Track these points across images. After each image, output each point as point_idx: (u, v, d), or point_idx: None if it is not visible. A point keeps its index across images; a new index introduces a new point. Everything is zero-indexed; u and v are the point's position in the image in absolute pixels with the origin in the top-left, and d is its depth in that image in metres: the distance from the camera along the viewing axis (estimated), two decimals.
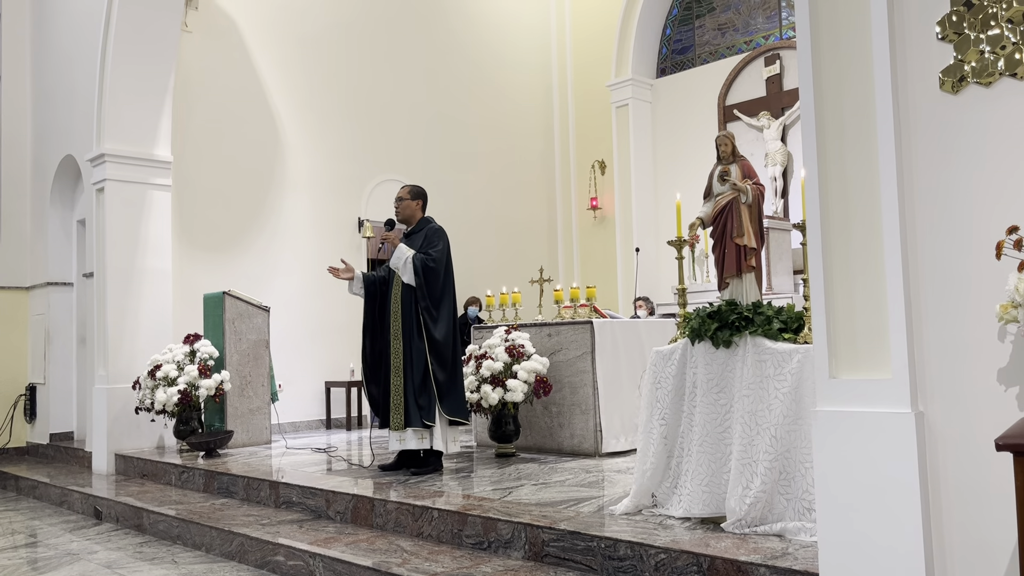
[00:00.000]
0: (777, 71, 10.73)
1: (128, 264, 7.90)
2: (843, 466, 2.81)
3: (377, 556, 4.17)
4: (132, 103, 7.99)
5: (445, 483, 5.29)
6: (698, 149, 11.21)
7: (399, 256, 5.69)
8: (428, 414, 5.57)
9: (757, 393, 3.73)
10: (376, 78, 10.47)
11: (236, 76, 9.24)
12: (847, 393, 2.83)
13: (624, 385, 6.49)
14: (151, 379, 7.38)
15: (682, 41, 11.96)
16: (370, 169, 10.33)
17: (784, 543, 3.42)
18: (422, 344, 5.63)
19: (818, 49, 2.95)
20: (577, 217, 12.47)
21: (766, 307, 3.94)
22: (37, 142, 9.69)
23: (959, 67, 2.71)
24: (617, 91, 11.94)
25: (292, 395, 9.13)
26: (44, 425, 9.23)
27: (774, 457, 3.61)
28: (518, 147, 12.17)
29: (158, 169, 8.13)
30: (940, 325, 2.72)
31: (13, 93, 9.72)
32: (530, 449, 6.66)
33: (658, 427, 4.13)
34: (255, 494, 5.86)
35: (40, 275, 9.45)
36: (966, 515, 2.66)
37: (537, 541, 3.94)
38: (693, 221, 4.41)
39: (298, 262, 9.55)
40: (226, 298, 7.85)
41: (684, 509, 3.94)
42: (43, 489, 7.51)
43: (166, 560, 5.01)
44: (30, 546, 5.65)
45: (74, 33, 8.77)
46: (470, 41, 11.65)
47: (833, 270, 2.89)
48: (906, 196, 2.77)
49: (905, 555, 2.66)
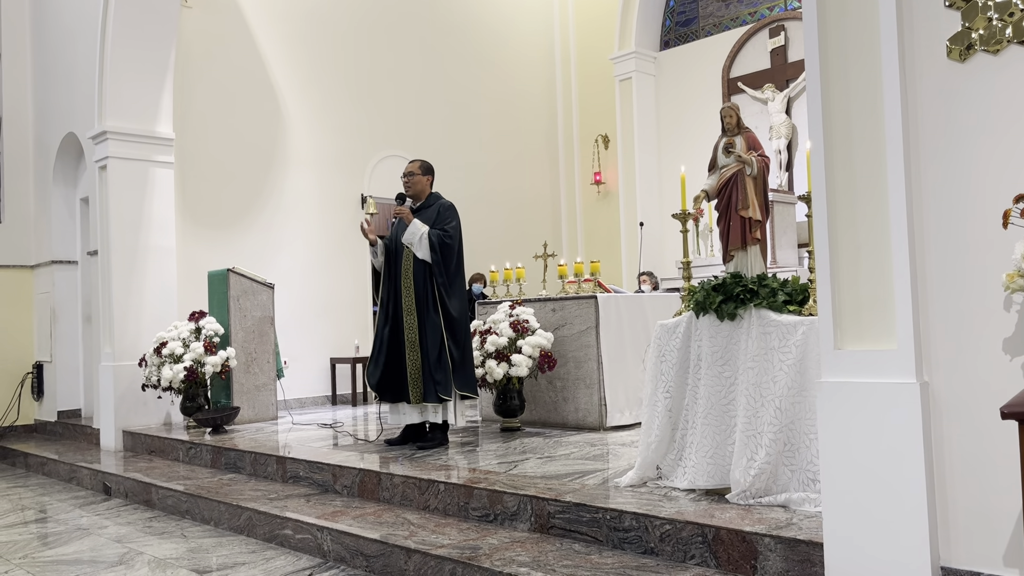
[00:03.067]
0: (782, 43, 10.63)
1: (132, 242, 7.91)
2: (848, 437, 2.82)
3: (384, 529, 4.20)
4: (133, 80, 7.95)
5: (451, 457, 5.33)
6: (702, 122, 11.13)
7: (413, 232, 5.66)
8: (445, 388, 5.62)
9: (762, 365, 3.74)
10: (379, 53, 10.40)
11: (237, 52, 9.18)
12: (852, 364, 2.83)
13: (628, 359, 6.50)
14: (157, 356, 7.41)
15: (686, 13, 11.84)
16: (373, 145, 10.30)
17: (788, 513, 3.44)
18: (438, 319, 5.64)
19: (824, 18, 2.92)
20: (581, 192, 12.42)
21: (771, 279, 3.93)
22: (39, 120, 9.66)
23: (966, 35, 2.68)
24: (620, 64, 11.84)
25: (297, 371, 9.17)
26: (52, 403, 9.29)
27: (779, 429, 3.62)
28: (521, 121, 12.10)
29: (160, 146, 8.12)
30: (945, 295, 2.71)
31: (14, 71, 9.67)
32: (535, 423, 6.69)
33: (663, 400, 4.14)
34: (262, 469, 5.91)
35: (44, 253, 9.46)
36: (970, 484, 2.67)
37: (543, 513, 3.97)
38: (698, 194, 4.39)
39: (302, 238, 9.55)
40: (230, 275, 7.86)
41: (689, 481, 3.97)
42: (52, 466, 7.57)
43: (175, 534, 5.06)
44: (40, 522, 5.70)
45: (74, 10, 8.71)
46: (473, 15, 11.55)
47: (838, 241, 2.89)
48: (912, 166, 2.76)
49: (909, 524, 2.68)
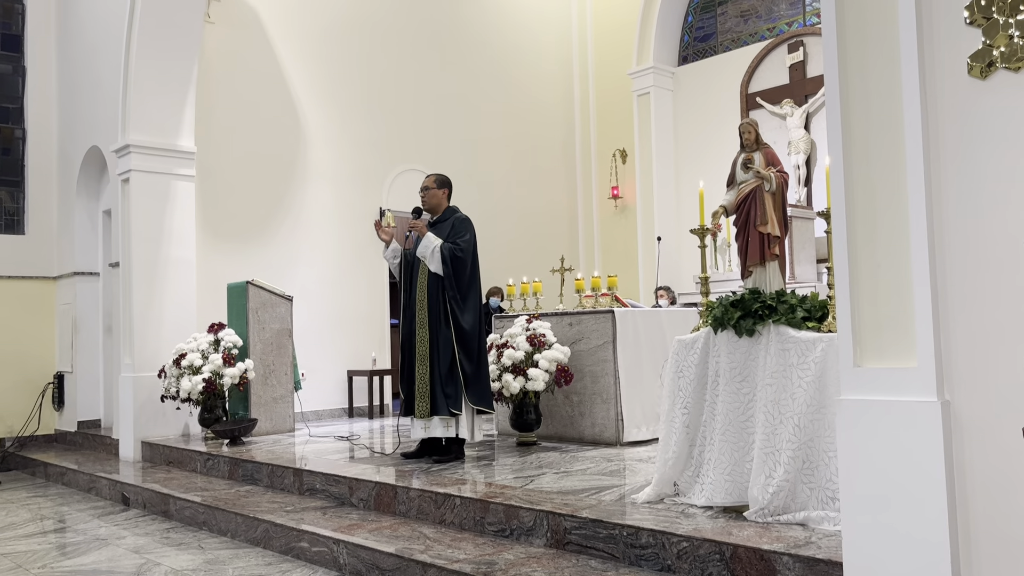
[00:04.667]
0: (800, 58, 10.61)
1: (153, 254, 7.98)
2: (868, 455, 2.79)
3: (400, 543, 4.20)
4: (156, 94, 8.06)
5: (467, 471, 5.32)
6: (720, 137, 11.12)
7: (427, 245, 5.70)
8: (455, 402, 5.61)
9: (780, 382, 3.72)
10: (398, 68, 10.49)
11: (258, 67, 9.28)
12: (872, 382, 2.81)
13: (645, 374, 6.48)
14: (176, 368, 7.46)
15: (704, 28, 11.86)
16: (391, 159, 10.36)
17: (807, 532, 3.41)
18: (449, 333, 5.65)
19: (843, 34, 2.91)
20: (598, 206, 12.42)
21: (790, 295, 3.92)
22: (63, 134, 9.80)
23: (987, 52, 2.67)
24: (638, 79, 11.87)
25: (315, 384, 9.20)
26: (72, 413, 9.36)
27: (797, 446, 3.59)
28: (539, 136, 12.14)
29: (182, 160, 8.21)
30: (968, 313, 2.69)
31: (39, 86, 9.82)
32: (551, 438, 6.67)
33: (680, 416, 4.13)
34: (279, 481, 5.93)
35: (67, 265, 9.57)
36: (993, 505, 2.63)
37: (559, 529, 3.96)
38: (716, 209, 4.39)
39: (320, 251, 9.61)
40: (249, 287, 7.92)
41: (706, 498, 3.94)
42: (71, 476, 7.63)
43: (192, 546, 5.08)
44: (59, 531, 5.75)
45: (99, 25, 8.85)
46: (491, 30, 11.63)
47: (858, 257, 2.87)
48: (933, 182, 2.74)
49: (930, 545, 2.65)
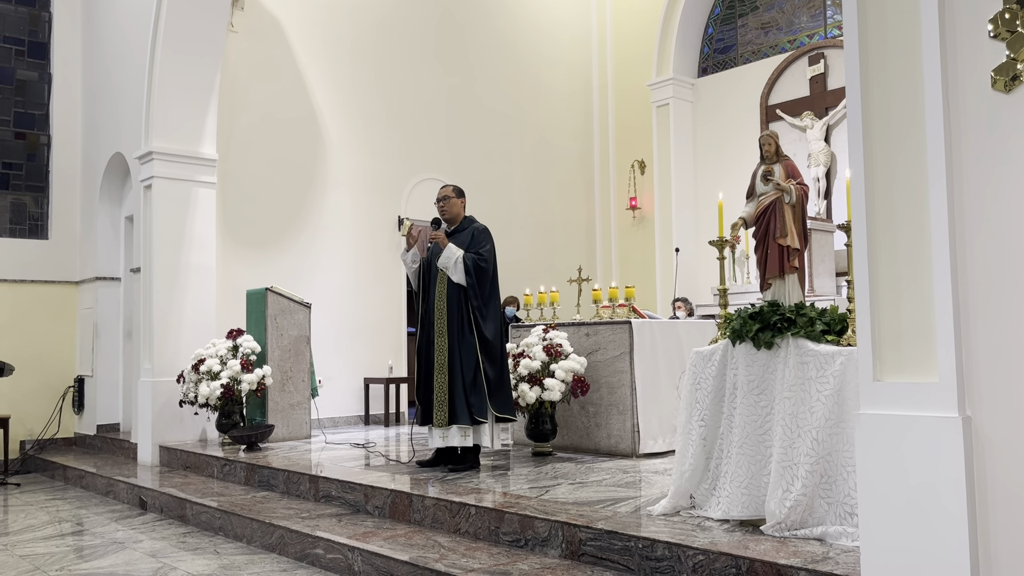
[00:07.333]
0: (821, 70, 10.58)
1: (174, 260, 8.06)
2: (887, 470, 2.77)
3: (415, 551, 4.20)
4: (179, 102, 8.15)
5: (482, 480, 5.32)
6: (739, 149, 11.10)
7: (449, 256, 5.70)
8: (480, 411, 5.61)
9: (799, 395, 3.69)
10: (417, 78, 10.55)
11: (280, 76, 9.37)
12: (892, 396, 2.79)
13: (662, 386, 6.45)
14: (195, 373, 7.51)
15: (724, 40, 11.85)
16: (410, 168, 10.41)
17: (825, 547, 3.38)
18: (473, 342, 5.65)
19: (866, 47, 2.91)
20: (616, 217, 12.42)
21: (809, 308, 3.90)
22: (87, 140, 9.92)
23: (1012, 65, 2.65)
24: (658, 90, 11.87)
25: (331, 391, 9.23)
26: (91, 416, 9.45)
27: (815, 460, 3.56)
28: (558, 146, 12.16)
29: (204, 167, 8.29)
30: (989, 328, 2.66)
31: (64, 93, 9.95)
32: (567, 448, 6.65)
33: (697, 428, 4.11)
34: (295, 488, 5.95)
35: (89, 270, 9.67)
36: (1014, 522, 2.60)
37: (574, 540, 3.94)
38: (735, 221, 4.38)
39: (339, 259, 9.66)
40: (268, 294, 7.97)
41: (723, 511, 3.92)
42: (90, 479, 7.69)
43: (208, 551, 5.10)
44: (77, 534, 5.79)
45: (123, 33, 8.96)
46: (511, 41, 11.67)
47: (879, 271, 2.85)
48: (955, 196, 2.72)
49: (949, 562, 2.62)
